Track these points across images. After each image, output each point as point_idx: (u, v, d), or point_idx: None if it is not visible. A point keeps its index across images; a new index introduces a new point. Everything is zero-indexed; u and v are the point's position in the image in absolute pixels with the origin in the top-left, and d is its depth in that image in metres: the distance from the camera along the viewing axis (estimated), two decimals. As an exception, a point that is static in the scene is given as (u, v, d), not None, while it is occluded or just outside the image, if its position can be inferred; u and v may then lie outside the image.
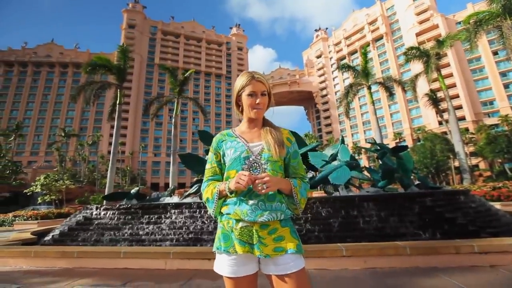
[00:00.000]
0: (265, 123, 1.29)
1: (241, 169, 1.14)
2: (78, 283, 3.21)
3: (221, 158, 1.24)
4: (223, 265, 1.09)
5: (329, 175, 6.38)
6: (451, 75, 59.46)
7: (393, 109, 72.29)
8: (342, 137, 7.37)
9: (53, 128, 75.86)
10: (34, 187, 25.51)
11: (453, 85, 58.47)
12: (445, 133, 38.36)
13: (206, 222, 4.90)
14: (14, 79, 79.74)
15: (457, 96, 57.86)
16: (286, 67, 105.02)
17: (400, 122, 70.55)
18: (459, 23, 55.70)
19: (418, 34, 67.31)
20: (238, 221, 1.11)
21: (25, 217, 14.00)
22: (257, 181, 1.03)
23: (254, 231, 1.08)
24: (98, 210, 5.93)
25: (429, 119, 61.46)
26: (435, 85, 39.17)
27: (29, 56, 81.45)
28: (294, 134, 7.52)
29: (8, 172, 40.59)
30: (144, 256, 3.85)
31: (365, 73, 22.23)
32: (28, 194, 26.07)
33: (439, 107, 29.45)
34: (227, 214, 1.14)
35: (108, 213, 5.74)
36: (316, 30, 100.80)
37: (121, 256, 3.87)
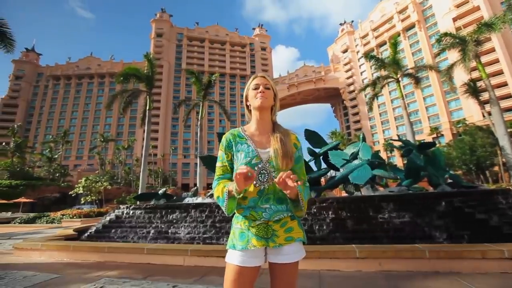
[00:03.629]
0: (276, 128, 1.35)
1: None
2: (107, 275, 3.56)
3: (232, 158, 1.32)
4: (235, 255, 1.20)
5: (350, 174, 6.21)
6: (497, 61, 53.56)
7: (428, 102, 66.92)
8: (363, 134, 7.09)
9: (94, 134, 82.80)
10: (77, 188, 28.18)
11: (500, 72, 52.60)
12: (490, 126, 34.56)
13: (224, 221, 5.08)
14: (61, 91, 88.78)
15: (505, 84, 51.97)
16: (311, 65, 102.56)
17: (437, 116, 65.04)
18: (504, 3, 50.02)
19: (455, 19, 61.59)
20: (254, 220, 1.23)
21: (70, 216, 15.61)
22: (287, 177, 1.08)
23: (269, 226, 1.22)
24: (128, 209, 6.43)
25: (471, 111, 55.89)
26: (477, 73, 35.53)
27: (72, 70, 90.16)
28: (315, 134, 7.41)
29: (58, 175, 45.55)
30: (165, 253, 4.13)
31: (392, 64, 20.87)
32: (73, 195, 28.88)
33: (480, 97, 26.50)
34: (244, 216, 1.25)
35: (136, 212, 6.21)
36: (341, 24, 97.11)
37: (145, 252, 4.19)
